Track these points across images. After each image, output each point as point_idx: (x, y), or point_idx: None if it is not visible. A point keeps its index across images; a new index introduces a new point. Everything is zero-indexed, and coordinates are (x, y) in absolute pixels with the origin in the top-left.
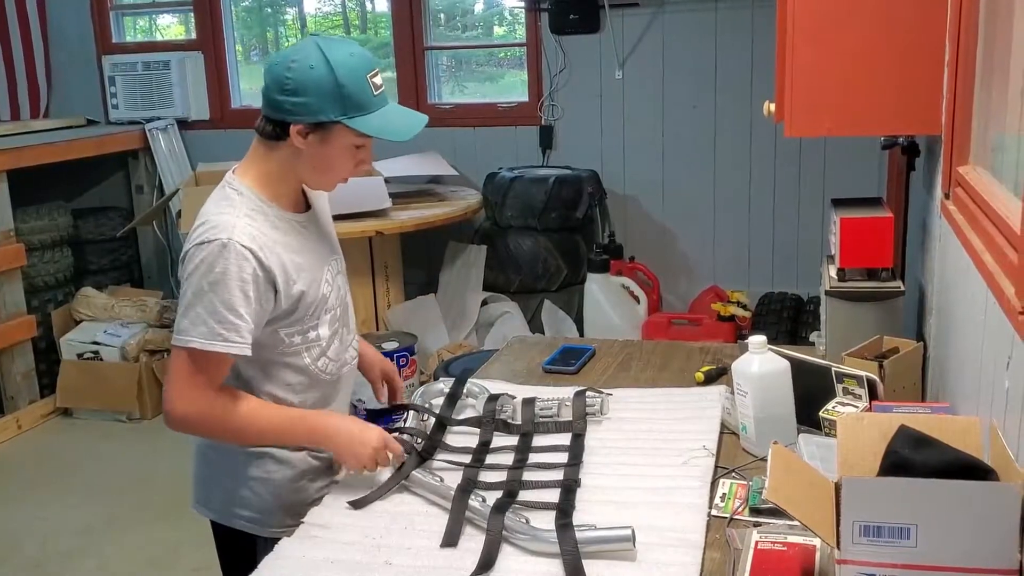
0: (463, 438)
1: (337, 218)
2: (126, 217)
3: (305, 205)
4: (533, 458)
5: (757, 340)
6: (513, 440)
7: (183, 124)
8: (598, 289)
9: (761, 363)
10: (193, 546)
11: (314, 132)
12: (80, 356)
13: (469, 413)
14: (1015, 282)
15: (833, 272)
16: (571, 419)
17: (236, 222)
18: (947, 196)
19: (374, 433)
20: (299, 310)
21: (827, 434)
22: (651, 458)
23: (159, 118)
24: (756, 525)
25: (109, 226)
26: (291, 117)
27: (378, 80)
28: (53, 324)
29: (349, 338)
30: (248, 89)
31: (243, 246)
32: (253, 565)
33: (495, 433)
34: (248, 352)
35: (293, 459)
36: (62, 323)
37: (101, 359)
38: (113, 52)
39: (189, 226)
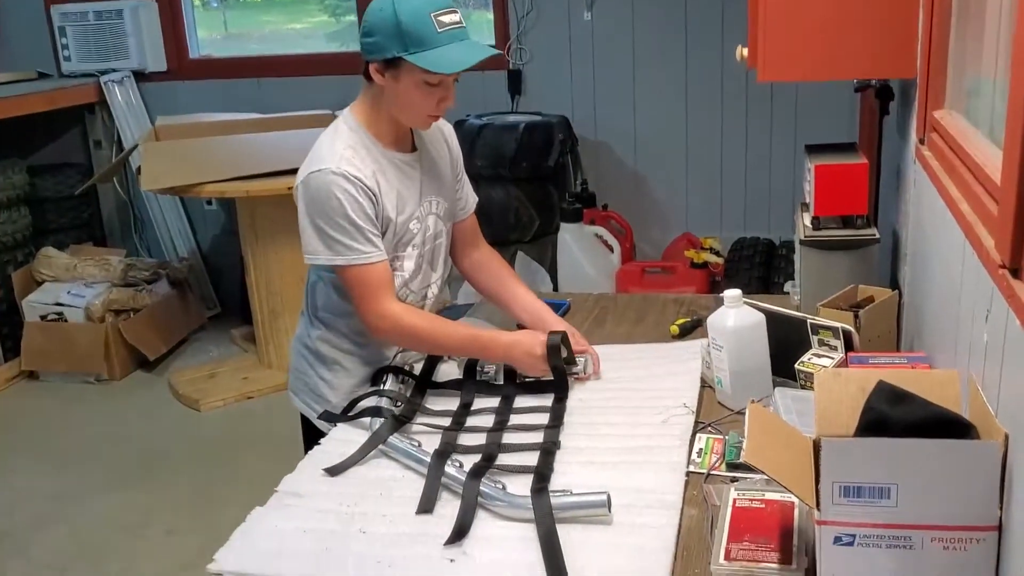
0: (443, 400)
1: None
2: (85, 174)
3: (411, 146)
4: (514, 420)
5: (732, 294)
6: (494, 402)
7: (140, 76)
8: (571, 239)
9: (736, 317)
10: (166, 510)
11: (387, 70)
12: (43, 318)
13: (450, 374)
14: (995, 234)
15: (807, 221)
16: (553, 380)
17: (342, 152)
18: (922, 141)
19: (538, 339)
20: (386, 237)
21: (803, 386)
22: (632, 417)
23: (114, 70)
24: (733, 481)
25: (67, 183)
26: (368, 56)
27: (447, 18)
28: (14, 286)
29: (433, 276)
30: (207, 37)
31: (348, 173)
32: None
33: (476, 395)
34: (385, 256)
35: (357, 372)
36: (23, 284)
37: (65, 320)
38: (62, 1)
39: (151, 184)
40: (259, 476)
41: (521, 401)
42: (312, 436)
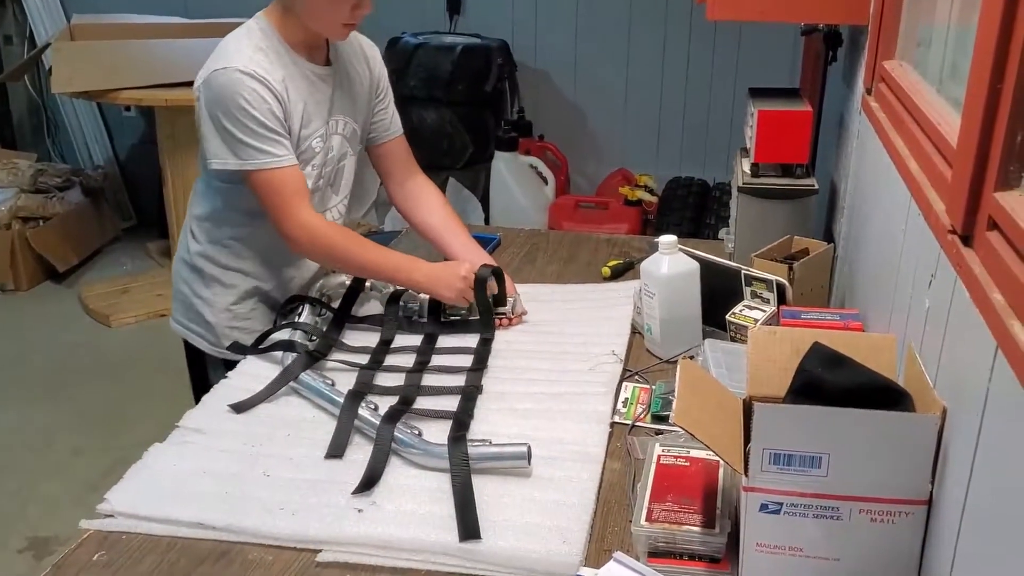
0: (362, 336)
1: None
2: None
3: (326, 60)
4: (435, 361)
5: (667, 240)
6: (416, 340)
7: None
8: (505, 168)
9: (671, 264)
10: (72, 428)
11: None
12: None
13: (371, 309)
14: (946, 198)
15: (747, 167)
16: (479, 319)
17: (251, 53)
18: (869, 92)
19: (462, 267)
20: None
21: (733, 338)
22: (558, 363)
23: None
24: (658, 434)
25: None
26: None
27: None
28: None
29: (334, 200)
30: None
31: (256, 72)
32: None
33: (397, 332)
34: (296, 161)
35: (237, 288)
36: None
37: None
38: None
39: (62, 86)
40: (169, 398)
41: (445, 341)
42: (197, 364)
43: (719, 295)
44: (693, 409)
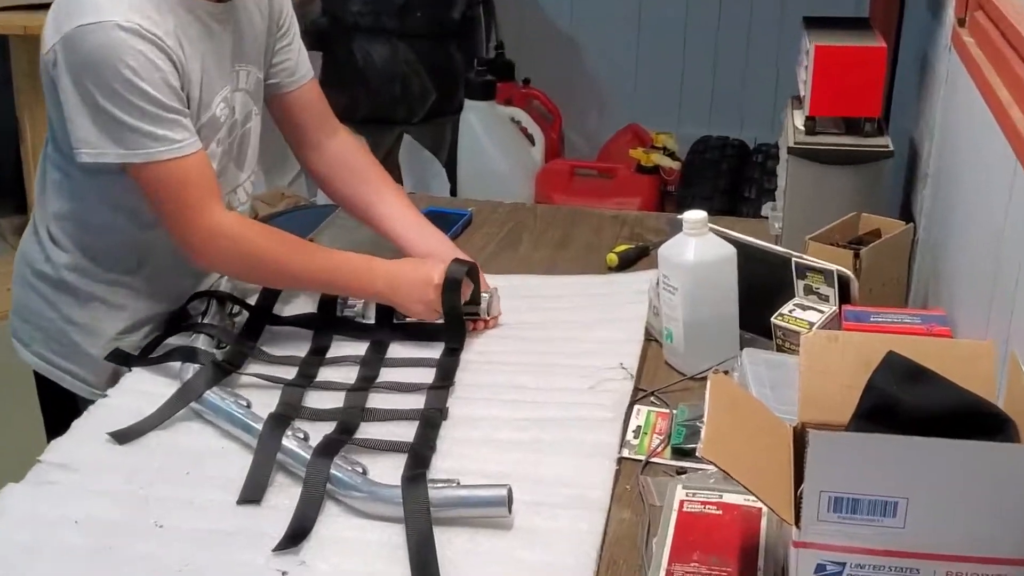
0: (287, 343)
1: None
2: None
3: None
4: (385, 376)
5: (694, 217)
6: (360, 348)
7: None
8: (479, 123)
9: (699, 249)
10: None
11: None
12: None
13: (301, 307)
14: None
15: (800, 121)
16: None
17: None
18: (961, 23)
19: (435, 270)
20: None
21: (780, 347)
22: (547, 378)
23: None
24: (680, 473)
25: None
26: None
27: None
28: None
29: (241, 176)
30: None
31: (141, 27)
32: None
33: (335, 337)
34: (201, 144)
35: (132, 308)
36: None
37: None
38: None
39: None
40: (26, 426)
41: (398, 350)
42: (60, 407)
43: (762, 291)
44: (727, 439)
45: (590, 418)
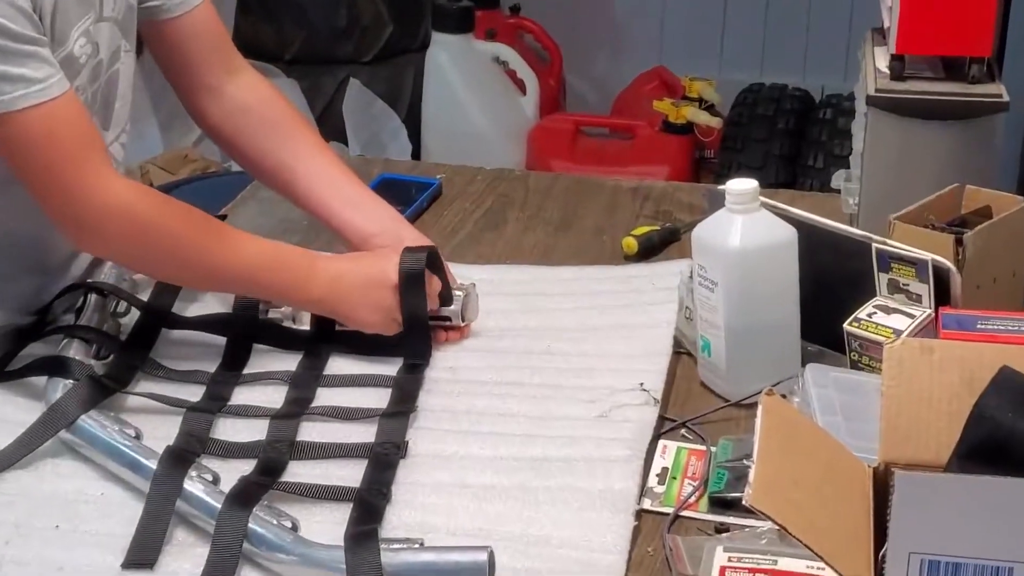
0: (191, 353)
1: None
2: None
3: None
4: (324, 398)
5: (741, 188)
6: (290, 363)
7: None
8: (450, 63)
9: (746, 232)
10: None
11: None
12: None
13: (210, 307)
14: None
15: (883, 63)
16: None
17: None
18: None
19: (390, 264)
20: None
21: (855, 363)
22: (543, 403)
23: None
24: (720, 530)
25: None
26: None
27: None
28: None
29: (108, 135)
30: None
31: None
32: None
33: (256, 347)
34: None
35: None
36: None
37: None
38: None
39: None
40: None
41: (340, 365)
42: None
43: (832, 287)
44: (784, 485)
45: (600, 457)
